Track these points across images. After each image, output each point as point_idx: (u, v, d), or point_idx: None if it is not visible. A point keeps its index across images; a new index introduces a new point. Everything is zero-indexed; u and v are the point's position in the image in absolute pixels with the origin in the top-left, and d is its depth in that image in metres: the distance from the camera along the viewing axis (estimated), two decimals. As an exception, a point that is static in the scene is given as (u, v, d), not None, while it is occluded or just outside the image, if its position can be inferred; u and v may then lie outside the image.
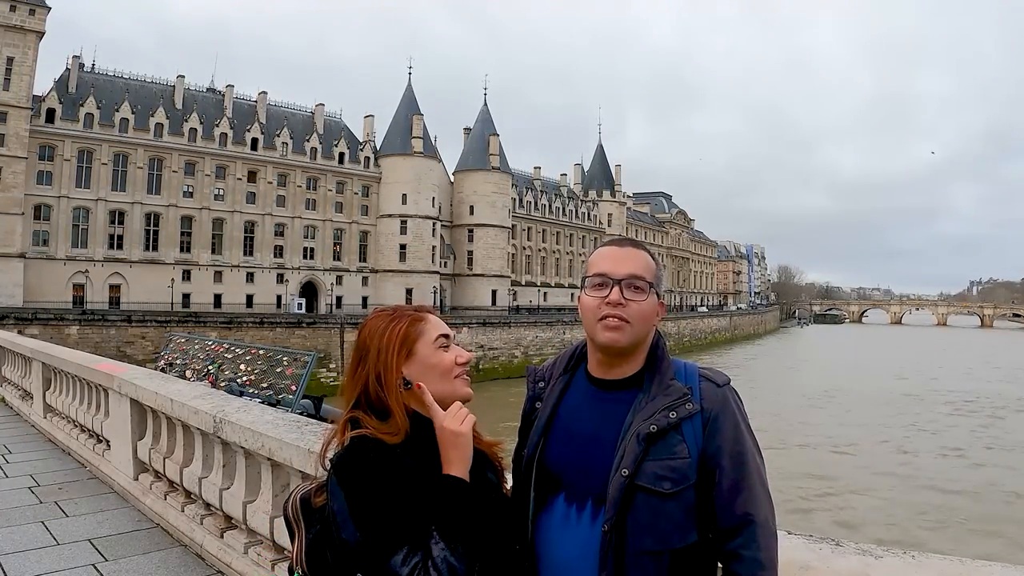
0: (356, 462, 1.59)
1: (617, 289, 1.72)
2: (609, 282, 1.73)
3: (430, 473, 1.63)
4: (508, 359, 64.88)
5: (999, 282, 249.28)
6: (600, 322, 1.72)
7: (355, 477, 1.57)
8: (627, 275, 1.73)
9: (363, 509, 1.54)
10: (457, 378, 1.77)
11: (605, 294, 1.72)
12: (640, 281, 1.73)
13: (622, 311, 1.71)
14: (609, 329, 1.72)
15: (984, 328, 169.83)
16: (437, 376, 1.74)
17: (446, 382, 1.75)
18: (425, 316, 1.79)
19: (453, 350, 1.79)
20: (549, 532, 1.72)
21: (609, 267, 1.75)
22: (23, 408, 9.73)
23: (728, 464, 1.65)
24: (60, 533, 5.07)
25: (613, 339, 1.72)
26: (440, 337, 1.77)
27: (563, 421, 1.79)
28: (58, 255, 55.66)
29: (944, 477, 27.70)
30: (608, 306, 1.71)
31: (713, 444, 1.65)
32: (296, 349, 17.27)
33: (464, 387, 1.78)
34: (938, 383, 57.31)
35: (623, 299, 1.71)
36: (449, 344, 1.78)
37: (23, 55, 53.54)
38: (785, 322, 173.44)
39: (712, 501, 1.65)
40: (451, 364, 1.76)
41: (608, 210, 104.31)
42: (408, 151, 73.26)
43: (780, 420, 37.58)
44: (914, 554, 2.06)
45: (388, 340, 1.72)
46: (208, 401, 4.85)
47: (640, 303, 1.72)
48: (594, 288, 1.75)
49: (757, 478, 1.67)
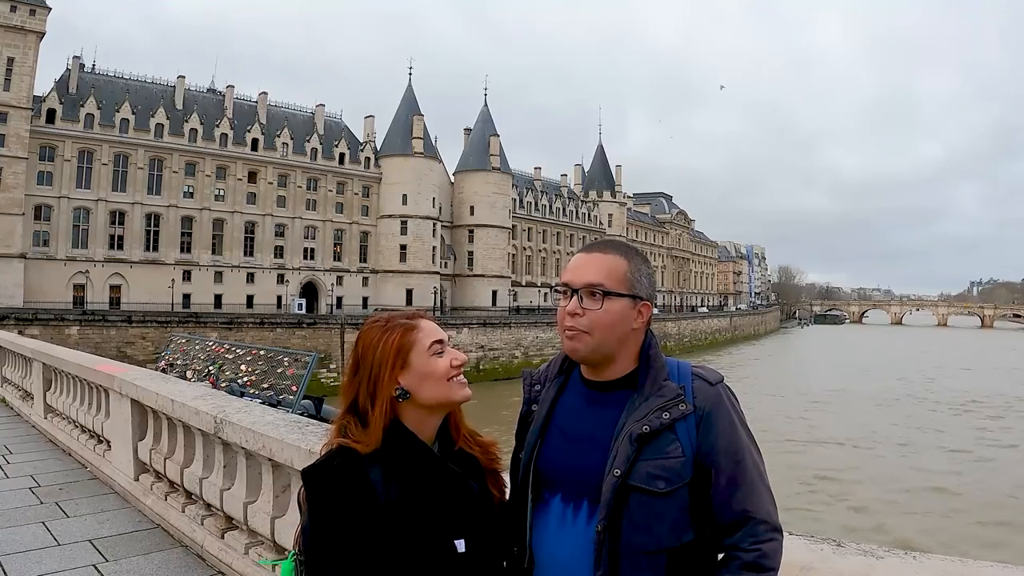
0: (320, 477, 1.67)
1: (575, 299, 1.72)
2: (568, 291, 1.74)
3: (396, 486, 1.66)
4: (508, 360, 64.83)
5: (1000, 282, 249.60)
6: (563, 332, 1.74)
7: (315, 493, 1.66)
8: (584, 284, 1.71)
9: (313, 526, 1.65)
10: (452, 381, 1.77)
11: (566, 304, 1.73)
12: (598, 289, 1.70)
13: (578, 321, 1.70)
14: (567, 339, 1.73)
15: (984, 328, 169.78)
16: (433, 383, 1.75)
17: (442, 387, 1.76)
18: (417, 324, 1.80)
19: (448, 354, 1.79)
20: (546, 533, 1.72)
21: (569, 276, 1.75)
22: (24, 408, 9.73)
23: (724, 461, 1.64)
24: (61, 533, 5.07)
25: (571, 348, 1.74)
26: (434, 344, 1.77)
27: (558, 423, 1.79)
28: (58, 255, 55.69)
29: (947, 476, 27.70)
30: (568, 316, 1.72)
31: (707, 442, 1.64)
32: (297, 350, 17.26)
33: (460, 390, 1.78)
34: (940, 383, 57.31)
35: (580, 308, 1.71)
36: (444, 348, 1.79)
37: (24, 56, 53.58)
38: (785, 323, 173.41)
39: (710, 499, 1.64)
40: (446, 369, 1.76)
41: (608, 211, 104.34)
42: (408, 152, 73.30)
43: (782, 420, 37.58)
44: (915, 554, 2.06)
45: (383, 353, 1.74)
46: (209, 402, 4.85)
47: (597, 311, 1.70)
48: (561, 296, 1.77)
49: (756, 474, 1.66)
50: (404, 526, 1.62)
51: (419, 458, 1.72)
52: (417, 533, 1.63)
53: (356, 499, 1.62)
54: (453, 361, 1.78)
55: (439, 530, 1.65)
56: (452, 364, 1.77)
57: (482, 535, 1.73)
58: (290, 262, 68.22)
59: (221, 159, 64.49)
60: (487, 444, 1.88)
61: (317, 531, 1.64)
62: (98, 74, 62.26)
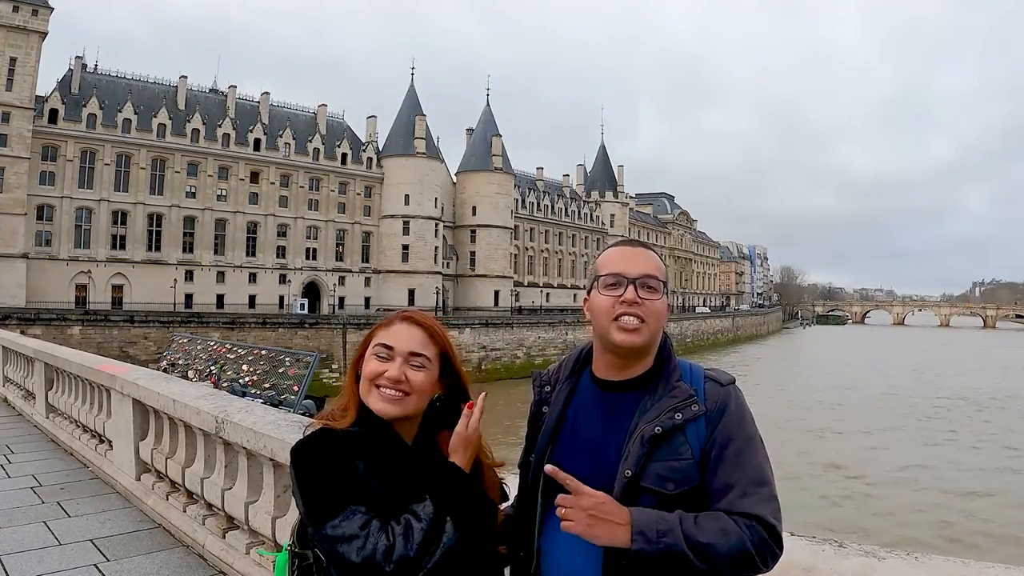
0: (302, 447, 1.73)
1: (632, 288, 1.71)
2: (624, 281, 1.72)
3: (371, 456, 1.73)
4: (511, 360, 64.83)
5: (1002, 283, 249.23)
6: (615, 322, 1.71)
7: (299, 459, 1.71)
8: (642, 274, 1.72)
9: (303, 485, 1.69)
10: (377, 388, 1.77)
11: (620, 293, 1.71)
12: (654, 280, 1.73)
13: (638, 309, 1.70)
14: (625, 331, 1.70)
15: (987, 329, 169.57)
16: (363, 380, 1.80)
17: (366, 388, 1.80)
18: (392, 322, 1.85)
19: (391, 363, 1.78)
20: (556, 535, 1.70)
21: (624, 267, 1.74)
22: (25, 408, 9.75)
23: (730, 451, 1.63)
24: (62, 533, 5.07)
25: (630, 340, 1.71)
26: (379, 346, 1.81)
27: (570, 425, 1.79)
28: (61, 255, 55.76)
29: (957, 479, 27.65)
30: (624, 305, 1.70)
31: (716, 444, 1.64)
32: (299, 350, 17.28)
33: (377, 402, 1.77)
34: (943, 383, 57.24)
35: (639, 298, 1.70)
36: (390, 355, 1.79)
37: (26, 56, 53.66)
38: (787, 323, 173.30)
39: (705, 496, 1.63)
40: (371, 372, 1.79)
41: (610, 211, 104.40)
42: (411, 152, 73.32)
43: (786, 419, 37.51)
44: (917, 555, 2.06)
45: (362, 341, 1.89)
46: (210, 402, 4.85)
47: (655, 302, 1.72)
48: (608, 288, 1.74)
49: (766, 463, 1.65)
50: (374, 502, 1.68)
51: (384, 440, 1.77)
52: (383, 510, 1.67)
53: (340, 459, 1.69)
54: (387, 372, 1.77)
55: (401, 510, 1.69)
56: (384, 373, 1.77)
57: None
58: (292, 262, 68.27)
59: (223, 159, 64.55)
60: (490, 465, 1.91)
61: (308, 489, 1.67)
62: (100, 74, 62.34)
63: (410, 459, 1.78)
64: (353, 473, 1.68)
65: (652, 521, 1.54)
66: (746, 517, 1.56)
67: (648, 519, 1.54)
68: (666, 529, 1.53)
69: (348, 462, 1.69)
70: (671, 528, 1.53)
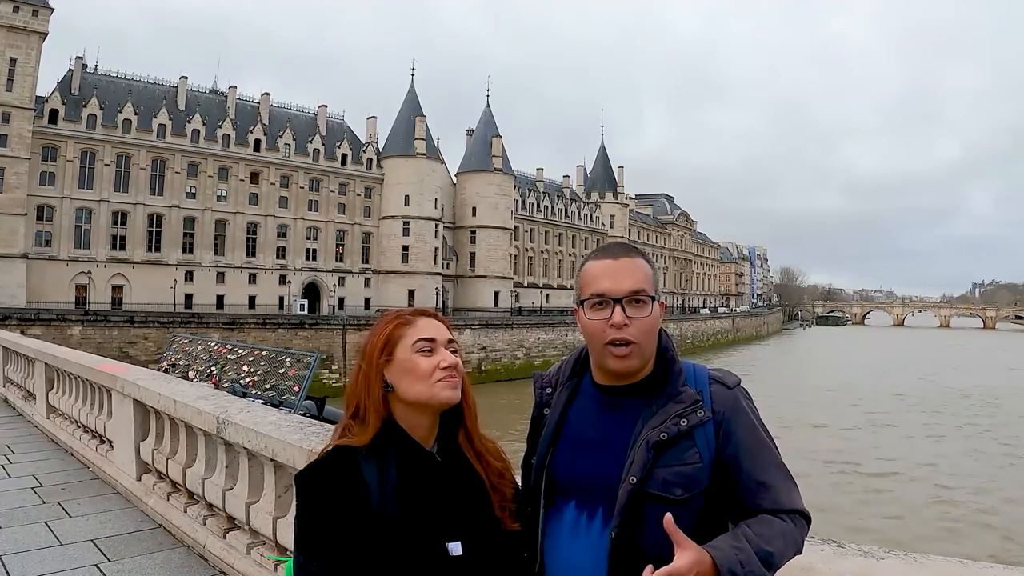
0: (307, 475, 1.68)
1: (620, 309, 1.64)
2: (610, 302, 1.65)
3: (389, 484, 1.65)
4: (510, 361, 64.87)
5: (1001, 284, 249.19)
6: (607, 347, 1.66)
7: (301, 489, 1.67)
8: (627, 292, 1.65)
9: (297, 515, 1.66)
10: (440, 382, 1.72)
11: (607, 315, 1.65)
12: (642, 294, 1.66)
13: (628, 332, 1.64)
14: (618, 358, 1.66)
15: (986, 330, 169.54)
16: (414, 380, 1.71)
17: (424, 386, 1.71)
18: (412, 320, 1.78)
19: (438, 354, 1.74)
20: (559, 539, 1.69)
21: (608, 284, 1.66)
22: (26, 409, 9.75)
23: (748, 464, 1.63)
24: (63, 533, 5.08)
25: (624, 366, 1.67)
26: (420, 341, 1.73)
27: (571, 428, 1.76)
28: (61, 256, 55.78)
29: (957, 479, 27.68)
30: (613, 329, 1.64)
31: (729, 447, 1.63)
32: (299, 350, 17.28)
33: (444, 391, 1.72)
34: (946, 382, 57.25)
35: (627, 318, 1.64)
36: (433, 347, 1.74)
37: (26, 56, 53.69)
38: (787, 324, 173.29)
39: (738, 500, 1.63)
40: (428, 369, 1.72)
41: (610, 212, 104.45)
42: (411, 152, 73.34)
43: (788, 420, 37.49)
44: (915, 555, 2.06)
45: (373, 345, 1.76)
46: (211, 402, 4.85)
47: (644, 319, 1.66)
48: (593, 309, 1.68)
49: (781, 472, 1.66)
50: (394, 527, 1.60)
51: (410, 455, 1.70)
52: (407, 534, 1.60)
53: (344, 500, 1.61)
54: (441, 362, 1.73)
55: (430, 532, 1.63)
56: (440, 365, 1.72)
57: (481, 538, 1.69)
58: (292, 263, 68.29)
59: (223, 160, 64.57)
60: (496, 450, 1.86)
61: (303, 533, 1.62)
62: (100, 74, 62.37)
63: (438, 472, 1.73)
64: (352, 512, 1.61)
65: (732, 555, 1.49)
66: (791, 513, 1.61)
67: (729, 556, 1.49)
68: (746, 559, 1.50)
69: (353, 497, 1.62)
70: (749, 557, 1.50)
